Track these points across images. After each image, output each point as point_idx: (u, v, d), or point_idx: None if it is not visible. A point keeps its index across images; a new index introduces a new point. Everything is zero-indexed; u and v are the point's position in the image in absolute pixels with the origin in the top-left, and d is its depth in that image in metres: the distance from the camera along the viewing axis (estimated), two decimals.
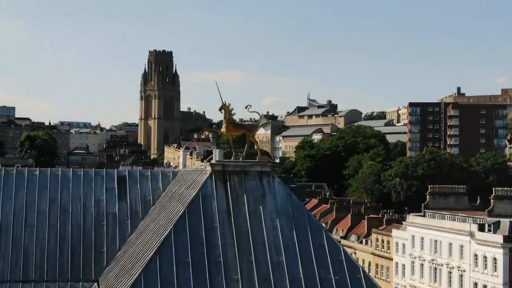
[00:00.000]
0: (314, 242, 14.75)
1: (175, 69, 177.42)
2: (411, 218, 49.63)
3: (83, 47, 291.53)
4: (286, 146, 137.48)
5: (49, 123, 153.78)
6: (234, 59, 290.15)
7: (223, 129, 16.07)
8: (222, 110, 15.95)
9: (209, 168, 15.66)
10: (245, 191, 15.19)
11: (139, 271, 13.83)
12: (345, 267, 14.53)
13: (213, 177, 15.37)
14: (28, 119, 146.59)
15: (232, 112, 15.96)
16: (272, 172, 15.88)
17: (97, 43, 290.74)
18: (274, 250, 14.42)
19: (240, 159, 15.98)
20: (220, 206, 14.98)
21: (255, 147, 16.93)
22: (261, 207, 15.03)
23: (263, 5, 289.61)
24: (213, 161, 15.85)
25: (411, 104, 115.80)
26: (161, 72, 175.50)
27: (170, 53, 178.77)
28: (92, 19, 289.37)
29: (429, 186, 51.59)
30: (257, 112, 16.18)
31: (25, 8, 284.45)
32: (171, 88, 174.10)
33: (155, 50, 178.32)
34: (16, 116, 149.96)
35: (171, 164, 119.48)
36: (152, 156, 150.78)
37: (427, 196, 49.96)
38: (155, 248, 14.20)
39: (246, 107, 16.07)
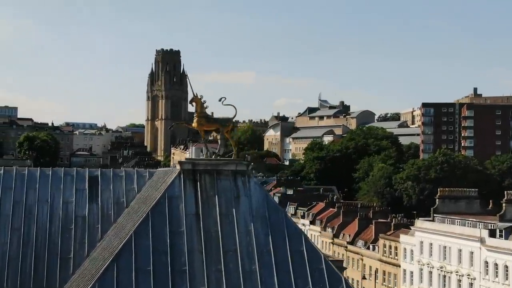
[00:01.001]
0: (292, 248, 13.46)
1: (183, 69, 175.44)
2: (419, 223, 47.77)
3: (90, 47, 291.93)
4: (296, 148, 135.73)
5: (52, 123, 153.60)
6: (247, 59, 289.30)
7: (194, 124, 14.83)
8: (194, 103, 14.66)
9: (178, 167, 14.36)
10: (217, 192, 13.95)
11: (94, 280, 12.57)
12: (326, 277, 13.21)
13: (182, 176, 14.10)
14: (30, 119, 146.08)
15: (205, 105, 14.66)
16: (248, 171, 14.52)
17: (105, 43, 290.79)
18: (247, 257, 13.17)
19: (213, 156, 14.67)
20: (188, 209, 13.73)
21: (232, 144, 15.59)
22: (234, 210, 13.78)
23: (276, 5, 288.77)
24: (182, 159, 14.57)
25: (425, 105, 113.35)
26: (168, 72, 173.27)
27: (178, 52, 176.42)
28: (98, 18, 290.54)
29: (438, 189, 49.63)
30: (232, 106, 14.89)
31: (31, 8, 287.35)
32: (178, 88, 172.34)
33: (162, 49, 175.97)
34: (20, 116, 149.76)
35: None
36: (159, 158, 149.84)
37: (437, 200, 48.01)
38: (113, 255, 12.94)
39: (220, 100, 14.81)
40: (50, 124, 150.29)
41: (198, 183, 14.02)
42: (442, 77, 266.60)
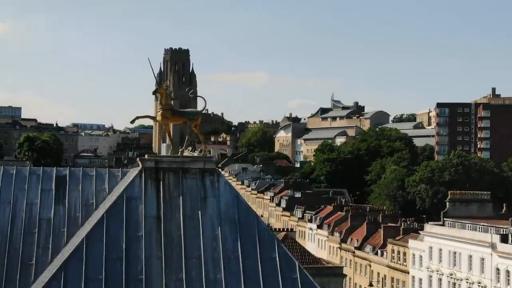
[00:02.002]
0: (263, 255, 12.10)
1: (192, 68, 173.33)
2: (428, 227, 45.78)
3: (98, 46, 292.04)
4: (308, 150, 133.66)
5: (56, 124, 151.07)
6: (260, 59, 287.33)
7: (158, 117, 13.55)
8: (158, 94, 13.39)
9: (140, 165, 13.09)
10: (182, 192, 12.63)
11: None
12: (299, 287, 11.71)
13: (143, 175, 12.79)
14: (34, 120, 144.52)
15: (171, 94, 13.38)
16: (218, 170, 13.18)
17: (113, 42, 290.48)
18: (212, 265, 11.85)
19: (179, 153, 13.40)
20: (148, 211, 12.43)
21: (201, 139, 14.29)
22: (200, 212, 12.45)
23: (289, 5, 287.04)
24: (145, 156, 13.30)
25: (439, 105, 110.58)
26: (177, 71, 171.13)
27: (187, 51, 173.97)
28: (106, 18, 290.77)
29: (449, 192, 47.57)
30: (202, 97, 13.63)
31: (37, 8, 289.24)
32: (187, 88, 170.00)
33: (171, 48, 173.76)
34: (24, 117, 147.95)
35: None
36: None
37: (447, 203, 45.96)
38: (61, 263, 11.71)
39: (187, 90, 13.55)
40: (54, 125, 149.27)
41: (161, 182, 12.74)
42: (460, 77, 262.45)
